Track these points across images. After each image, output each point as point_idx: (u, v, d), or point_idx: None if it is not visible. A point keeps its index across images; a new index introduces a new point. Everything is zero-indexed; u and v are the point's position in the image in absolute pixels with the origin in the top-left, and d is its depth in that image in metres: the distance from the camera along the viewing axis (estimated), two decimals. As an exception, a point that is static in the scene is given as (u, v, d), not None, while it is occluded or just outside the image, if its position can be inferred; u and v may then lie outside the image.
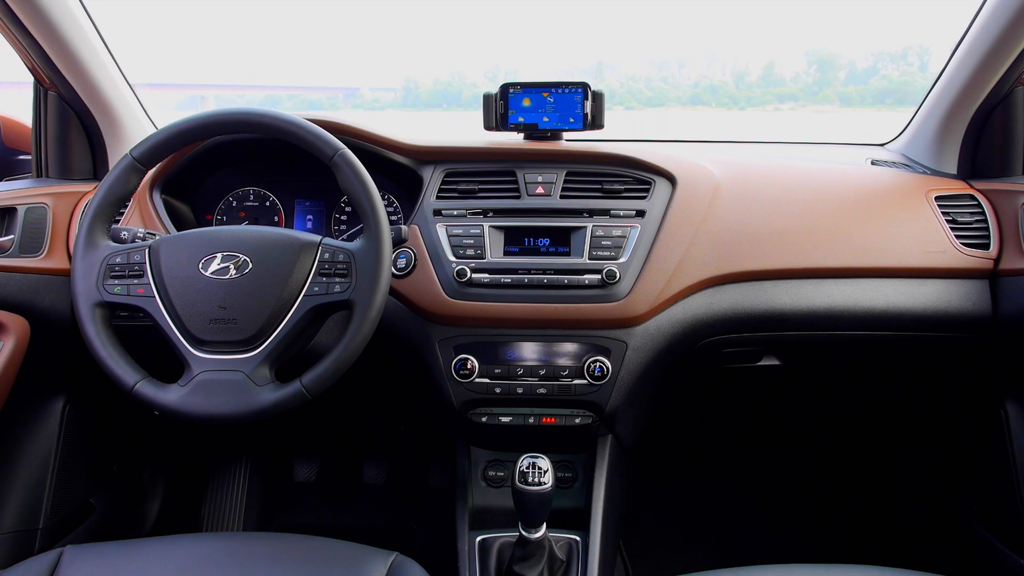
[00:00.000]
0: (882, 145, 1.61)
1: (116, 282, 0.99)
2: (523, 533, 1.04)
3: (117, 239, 1.04)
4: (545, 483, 0.99)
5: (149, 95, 1.54)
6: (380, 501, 1.81)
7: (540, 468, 1.00)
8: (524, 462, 1.01)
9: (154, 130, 1.50)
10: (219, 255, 0.99)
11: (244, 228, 1.05)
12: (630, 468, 1.43)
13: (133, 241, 1.05)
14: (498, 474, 1.28)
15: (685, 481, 1.85)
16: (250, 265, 0.98)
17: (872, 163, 1.46)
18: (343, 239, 1.34)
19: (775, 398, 1.63)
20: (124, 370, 0.97)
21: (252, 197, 1.40)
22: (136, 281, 0.99)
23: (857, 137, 1.68)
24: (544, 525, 1.05)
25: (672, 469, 1.86)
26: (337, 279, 0.98)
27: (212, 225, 1.38)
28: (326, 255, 1.00)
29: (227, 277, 0.98)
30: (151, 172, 1.11)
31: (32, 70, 1.30)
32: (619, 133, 1.69)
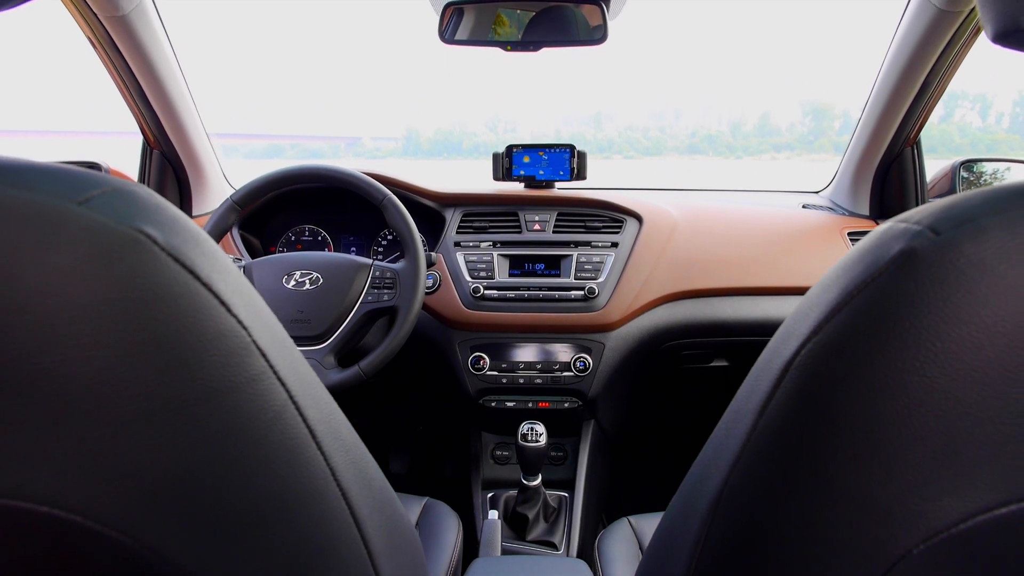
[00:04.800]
0: (816, 192, 1.88)
1: None
2: (524, 482, 1.31)
3: None
4: (540, 441, 1.25)
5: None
6: (403, 488, 2.08)
7: (537, 431, 1.26)
8: (524, 426, 1.26)
9: (223, 179, 1.85)
10: (297, 272, 1.27)
11: (316, 253, 1.32)
12: (612, 453, 1.67)
13: None
14: (503, 454, 1.54)
15: (655, 461, 2.06)
16: (321, 280, 1.26)
17: (803, 207, 1.73)
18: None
19: (725, 392, 1.90)
20: None
21: (307, 232, 1.70)
22: None
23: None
24: (539, 476, 1.31)
25: (646, 453, 2.07)
26: (385, 290, 1.26)
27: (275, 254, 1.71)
28: (376, 273, 1.27)
29: (303, 289, 1.26)
30: None
31: (144, 134, 1.63)
32: (609, 182, 2.03)
